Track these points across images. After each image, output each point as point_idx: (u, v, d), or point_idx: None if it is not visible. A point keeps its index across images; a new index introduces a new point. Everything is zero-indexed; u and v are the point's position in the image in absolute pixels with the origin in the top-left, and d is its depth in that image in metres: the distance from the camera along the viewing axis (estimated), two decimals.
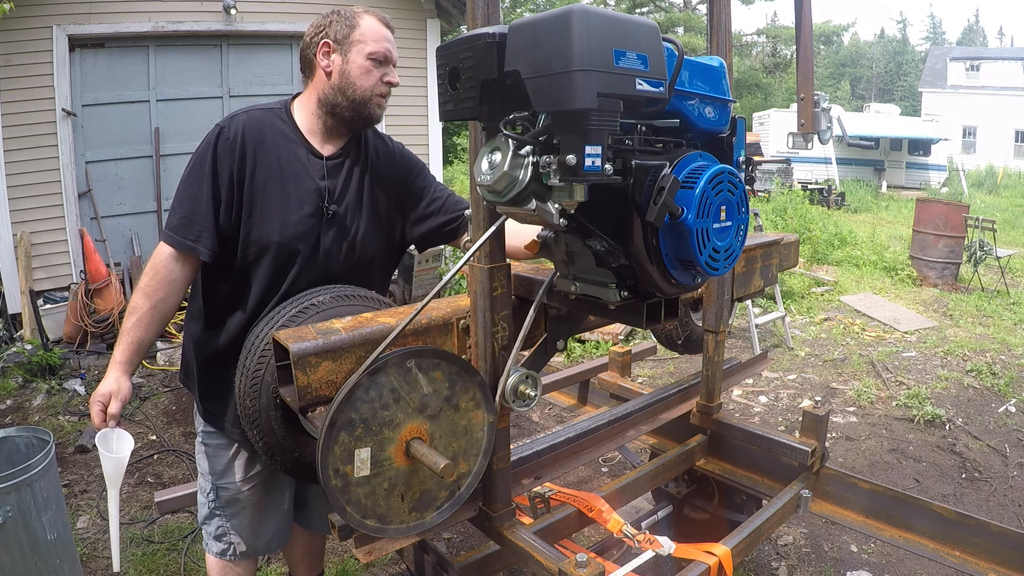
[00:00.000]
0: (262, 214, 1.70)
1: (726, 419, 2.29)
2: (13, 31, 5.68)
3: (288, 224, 1.71)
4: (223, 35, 6.63)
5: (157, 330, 1.70)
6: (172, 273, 1.68)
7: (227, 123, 1.72)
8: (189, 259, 1.70)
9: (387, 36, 1.78)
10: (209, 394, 1.85)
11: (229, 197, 1.69)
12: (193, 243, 1.67)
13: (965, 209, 8.29)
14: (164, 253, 1.69)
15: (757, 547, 2.53)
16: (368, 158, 1.87)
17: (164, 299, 1.68)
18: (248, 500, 1.91)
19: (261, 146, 1.71)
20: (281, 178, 1.72)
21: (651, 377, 5.29)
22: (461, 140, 19.27)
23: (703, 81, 1.34)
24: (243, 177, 1.69)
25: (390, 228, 1.91)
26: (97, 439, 1.59)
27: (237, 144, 1.69)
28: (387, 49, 1.77)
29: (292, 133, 1.77)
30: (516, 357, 1.46)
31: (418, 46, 7.44)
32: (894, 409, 4.64)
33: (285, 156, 1.74)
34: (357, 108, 1.76)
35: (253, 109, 1.78)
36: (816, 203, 14.50)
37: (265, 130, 1.73)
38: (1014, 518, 3.33)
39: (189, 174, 1.71)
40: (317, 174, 1.76)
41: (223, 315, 1.77)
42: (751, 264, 2.32)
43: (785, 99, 30.75)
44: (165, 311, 1.69)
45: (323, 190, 1.76)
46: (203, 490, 1.94)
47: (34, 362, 5.04)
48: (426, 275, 6.61)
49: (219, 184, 1.68)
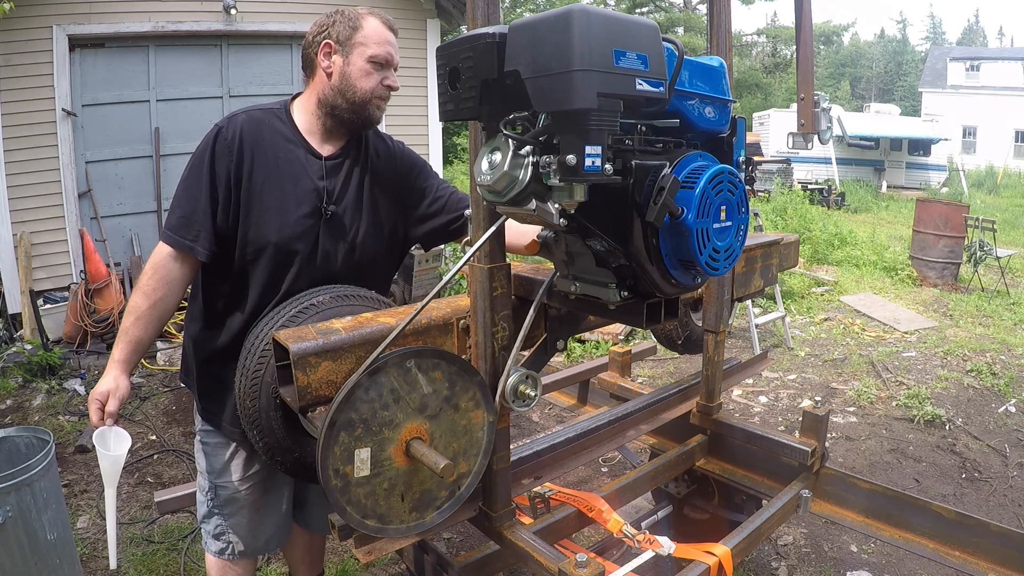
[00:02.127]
0: (260, 214, 1.70)
1: (726, 419, 2.29)
2: (13, 31, 5.68)
3: (286, 224, 1.71)
4: (223, 35, 6.63)
5: (156, 329, 1.70)
6: (171, 273, 1.69)
7: (225, 123, 1.72)
8: (188, 259, 1.70)
9: (390, 39, 1.77)
10: (208, 393, 1.85)
11: (227, 197, 1.69)
12: (191, 243, 1.67)
13: (965, 209, 8.29)
14: (163, 253, 1.69)
15: (757, 547, 2.53)
16: (368, 158, 1.86)
17: (163, 299, 1.68)
18: (246, 500, 1.91)
19: (259, 146, 1.71)
20: (279, 178, 1.72)
21: (651, 377, 5.29)
22: (461, 140, 19.27)
23: (703, 81, 1.34)
24: (241, 177, 1.69)
25: (391, 228, 1.90)
26: (95, 437, 1.60)
27: (235, 144, 1.69)
28: (388, 53, 1.76)
29: (291, 133, 1.76)
30: (516, 357, 1.46)
31: (418, 46, 7.44)
32: (894, 409, 4.64)
33: (283, 156, 1.73)
34: (356, 110, 1.75)
35: (252, 109, 1.77)
36: (816, 203, 14.51)
37: (263, 130, 1.73)
38: (1014, 518, 3.33)
39: (188, 174, 1.71)
40: (316, 174, 1.76)
41: (222, 315, 1.77)
42: (751, 264, 2.32)
43: (785, 99, 30.76)
44: (164, 310, 1.70)
45: (322, 190, 1.75)
46: (202, 489, 1.94)
47: (34, 362, 5.04)
48: (426, 275, 6.61)
49: (217, 184, 1.68)
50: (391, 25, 1.78)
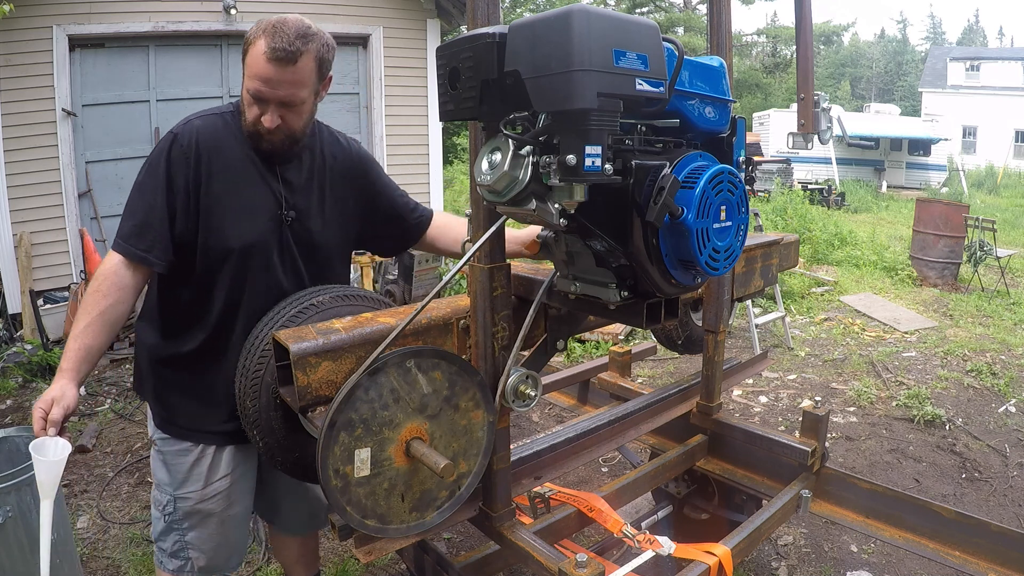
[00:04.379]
0: (220, 221, 1.65)
1: (726, 419, 2.29)
2: (13, 31, 5.68)
3: (247, 231, 1.67)
4: (223, 35, 6.63)
5: (107, 337, 1.61)
6: (122, 280, 1.61)
7: (181, 129, 1.65)
8: (140, 268, 1.63)
9: (269, 75, 1.55)
10: (165, 399, 1.79)
11: (185, 205, 1.63)
12: (144, 253, 1.61)
13: (965, 209, 8.28)
14: (114, 260, 1.61)
15: (757, 547, 2.53)
16: (325, 160, 1.82)
17: (113, 306, 1.60)
18: (209, 511, 1.82)
19: (216, 152, 1.65)
20: (237, 184, 1.67)
21: (651, 377, 5.29)
22: (461, 140, 19.27)
23: (703, 81, 1.34)
24: (199, 185, 1.63)
25: (348, 230, 1.88)
26: (32, 446, 1.46)
27: (192, 151, 1.63)
28: (260, 90, 1.57)
29: (246, 138, 1.69)
30: (516, 357, 1.46)
31: (418, 46, 7.44)
32: (894, 409, 4.63)
33: (240, 162, 1.68)
34: (249, 136, 1.67)
35: (208, 114, 1.71)
36: (816, 203, 14.50)
37: (220, 136, 1.67)
38: (1014, 518, 3.33)
39: (143, 181, 1.64)
40: (273, 179, 1.72)
41: (183, 322, 1.73)
42: (751, 264, 2.32)
43: (785, 99, 30.75)
44: (114, 318, 1.61)
45: (280, 195, 1.72)
46: (158, 504, 1.83)
47: (34, 362, 5.05)
48: (426, 275, 6.61)
49: (174, 192, 1.62)
50: (282, 54, 1.53)
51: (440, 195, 7.99)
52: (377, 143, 7.39)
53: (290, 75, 1.56)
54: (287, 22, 1.56)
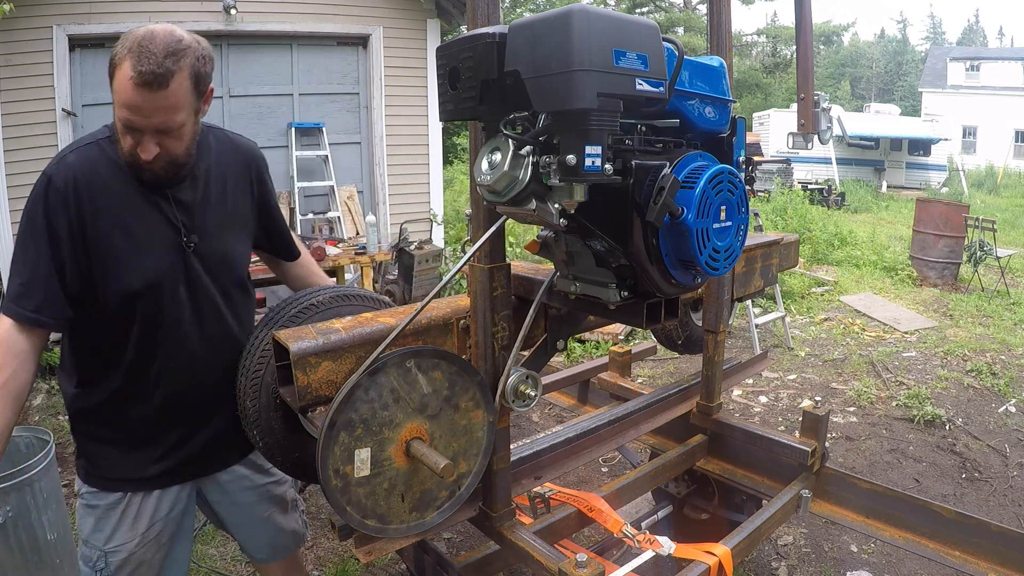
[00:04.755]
0: (115, 264, 1.50)
1: (726, 419, 2.29)
2: (13, 31, 5.67)
3: (148, 268, 1.53)
4: (223, 35, 6.63)
5: (13, 411, 1.43)
6: (16, 346, 1.44)
7: (54, 170, 1.48)
8: (34, 330, 1.48)
9: (138, 103, 1.38)
10: (89, 452, 1.67)
11: (73, 254, 1.47)
12: (35, 314, 1.46)
13: (965, 209, 8.28)
14: (5, 326, 1.45)
15: (757, 547, 2.53)
16: (220, 165, 1.68)
17: (13, 375, 1.43)
18: (144, 558, 1.70)
19: (98, 188, 1.48)
20: (126, 219, 1.52)
21: (651, 377, 5.29)
22: (461, 140, 19.26)
23: (703, 81, 1.34)
24: (84, 227, 1.47)
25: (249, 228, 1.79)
26: None
27: (70, 192, 1.46)
28: (131, 120, 1.41)
29: (127, 166, 1.51)
30: (516, 357, 1.46)
31: (418, 46, 7.44)
32: (894, 409, 4.63)
33: (126, 193, 1.51)
34: (129, 167, 1.50)
35: (82, 145, 1.54)
36: (816, 203, 14.50)
37: (99, 168, 1.50)
38: (1014, 518, 3.33)
39: (22, 234, 1.49)
40: (166, 204, 1.56)
41: (98, 370, 1.61)
42: (751, 264, 2.32)
43: (785, 99, 30.74)
44: (17, 389, 1.44)
45: (176, 220, 1.57)
46: (87, 560, 1.67)
47: None
48: (426, 275, 6.60)
49: (57, 242, 1.46)
50: (150, 78, 1.36)
51: (440, 195, 7.98)
52: (377, 143, 7.39)
53: (162, 100, 1.40)
54: (154, 37, 1.41)
